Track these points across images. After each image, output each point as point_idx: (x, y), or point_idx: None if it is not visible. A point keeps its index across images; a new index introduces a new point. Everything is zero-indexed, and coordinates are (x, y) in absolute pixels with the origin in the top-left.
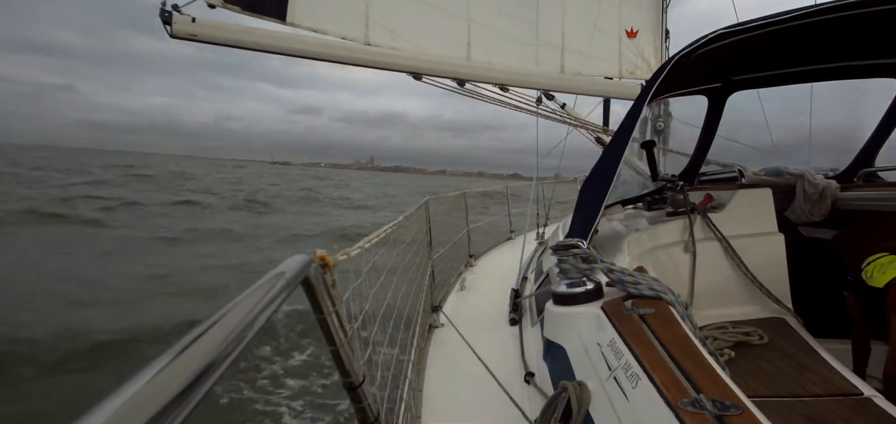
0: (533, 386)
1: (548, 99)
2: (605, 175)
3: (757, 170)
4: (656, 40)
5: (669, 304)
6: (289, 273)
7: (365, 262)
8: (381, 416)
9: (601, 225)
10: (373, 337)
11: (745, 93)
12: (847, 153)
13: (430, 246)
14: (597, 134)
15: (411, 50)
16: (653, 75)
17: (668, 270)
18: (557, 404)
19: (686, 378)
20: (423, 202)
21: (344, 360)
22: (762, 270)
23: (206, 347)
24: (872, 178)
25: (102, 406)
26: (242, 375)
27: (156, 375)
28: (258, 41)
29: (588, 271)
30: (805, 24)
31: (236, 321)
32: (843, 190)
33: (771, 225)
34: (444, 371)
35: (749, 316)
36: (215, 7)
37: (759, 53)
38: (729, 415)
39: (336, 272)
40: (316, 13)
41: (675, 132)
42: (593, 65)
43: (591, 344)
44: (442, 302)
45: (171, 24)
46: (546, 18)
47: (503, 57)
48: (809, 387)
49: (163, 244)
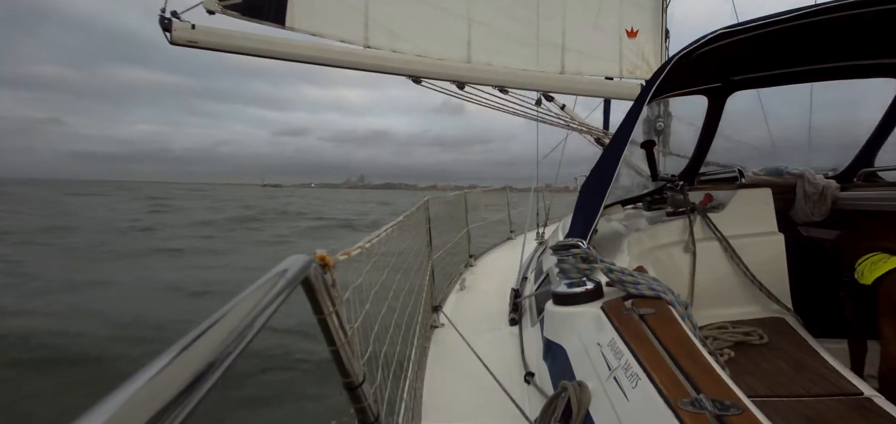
0: (533, 386)
1: (547, 100)
2: (604, 175)
3: (757, 169)
4: (656, 40)
5: (669, 304)
6: (289, 272)
7: (365, 262)
8: (381, 416)
9: (601, 225)
10: (373, 337)
11: (745, 93)
12: (845, 151)
13: (430, 245)
14: (597, 136)
15: (411, 51)
16: (653, 75)
17: (668, 270)
18: (557, 404)
19: (686, 378)
20: (423, 202)
21: (344, 360)
22: (762, 270)
23: (206, 347)
24: (872, 178)
25: (102, 405)
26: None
27: (156, 375)
28: (257, 46)
29: (588, 271)
30: (805, 24)
31: (237, 320)
32: (843, 190)
33: (771, 225)
34: (444, 371)
35: (749, 316)
36: (214, 13)
37: (759, 53)
38: (729, 415)
39: (336, 272)
40: (315, 16)
41: (675, 132)
42: (594, 65)
43: (591, 344)
44: (442, 302)
45: (171, 30)
46: (547, 18)
47: (503, 57)
48: (809, 387)
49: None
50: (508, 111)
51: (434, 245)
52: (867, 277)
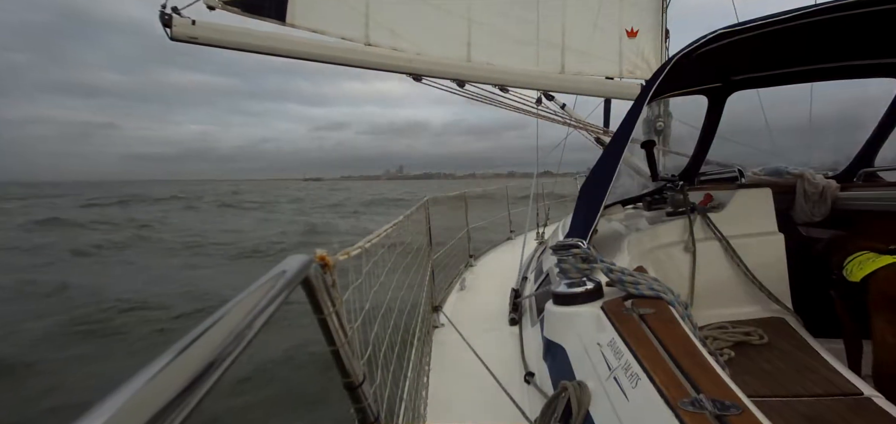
0: (533, 386)
1: (548, 99)
2: (604, 175)
3: (757, 169)
4: (656, 40)
5: (669, 304)
6: (289, 272)
7: (365, 262)
8: (381, 416)
9: (601, 225)
10: (373, 338)
11: (745, 93)
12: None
13: (431, 245)
14: (597, 135)
15: (411, 50)
16: (653, 75)
17: (668, 270)
18: (557, 404)
19: (686, 378)
20: (422, 201)
21: (344, 360)
22: (762, 270)
23: (206, 346)
24: (872, 178)
25: (102, 405)
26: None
27: (156, 375)
28: (258, 43)
29: (588, 271)
30: (805, 24)
31: (237, 320)
32: (843, 190)
33: (771, 225)
34: (444, 371)
35: (749, 315)
36: (215, 9)
37: (759, 53)
38: (729, 415)
39: (336, 272)
40: (316, 13)
41: (676, 132)
42: (594, 64)
43: (591, 344)
44: (442, 303)
45: (171, 26)
46: (547, 17)
47: (503, 56)
48: (809, 387)
49: None
50: (509, 109)
51: (434, 245)
52: (855, 274)
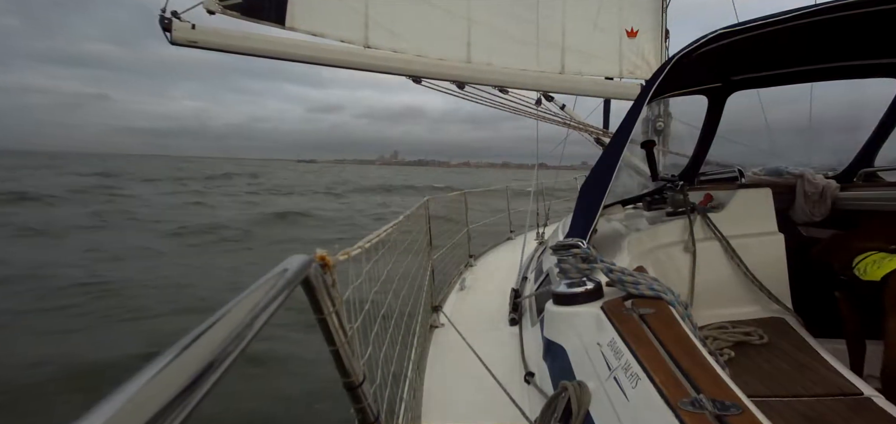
0: (533, 386)
1: (547, 100)
2: (604, 174)
3: (757, 169)
4: (656, 40)
5: (669, 304)
6: (289, 272)
7: (365, 262)
8: (381, 416)
9: (601, 225)
10: (373, 338)
11: (745, 93)
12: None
13: (431, 245)
14: (597, 135)
15: (411, 51)
16: (653, 75)
17: (668, 270)
18: (557, 404)
19: (686, 378)
20: (422, 201)
21: (344, 360)
22: (762, 270)
23: (206, 346)
24: (872, 178)
25: (102, 405)
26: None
27: (156, 375)
28: (257, 46)
29: (588, 271)
30: (805, 24)
31: (237, 320)
32: (843, 190)
33: (771, 225)
34: (444, 371)
35: (749, 315)
36: (214, 13)
37: (759, 53)
38: (729, 415)
39: (336, 272)
40: (315, 16)
41: (676, 132)
42: (594, 64)
43: (591, 344)
44: (442, 302)
45: (171, 30)
46: (546, 18)
47: (503, 57)
48: (809, 387)
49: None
50: (509, 110)
51: (434, 245)
52: (873, 273)
